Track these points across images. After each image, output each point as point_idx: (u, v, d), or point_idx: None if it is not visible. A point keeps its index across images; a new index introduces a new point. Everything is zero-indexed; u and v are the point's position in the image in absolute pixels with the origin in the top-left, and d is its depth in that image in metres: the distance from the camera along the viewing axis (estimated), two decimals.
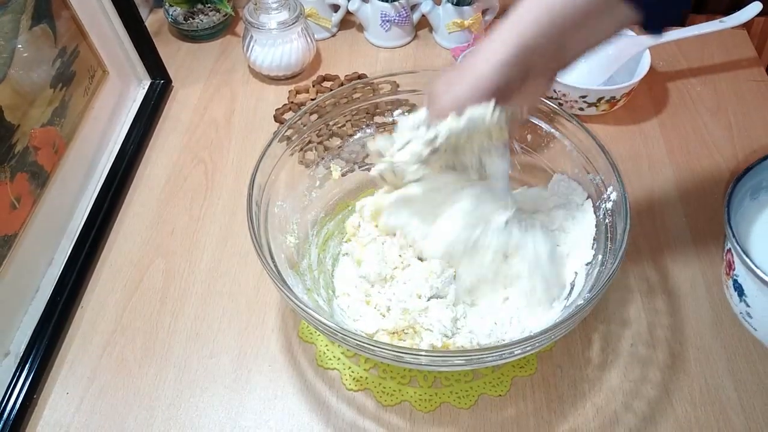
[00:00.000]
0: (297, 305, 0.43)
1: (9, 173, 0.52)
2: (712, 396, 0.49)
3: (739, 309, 0.52)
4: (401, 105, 0.63)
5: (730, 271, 0.52)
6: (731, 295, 0.53)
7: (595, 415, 0.48)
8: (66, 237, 0.60)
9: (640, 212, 0.61)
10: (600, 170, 0.51)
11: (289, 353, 0.53)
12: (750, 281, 0.49)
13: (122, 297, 0.57)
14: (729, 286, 0.53)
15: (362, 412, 0.49)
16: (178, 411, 0.50)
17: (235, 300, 0.57)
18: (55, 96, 0.59)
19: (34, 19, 0.57)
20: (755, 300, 0.50)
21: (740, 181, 0.52)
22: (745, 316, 0.52)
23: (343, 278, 0.53)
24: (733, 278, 0.51)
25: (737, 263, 0.50)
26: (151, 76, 0.76)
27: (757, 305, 0.50)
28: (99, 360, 0.53)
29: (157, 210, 0.64)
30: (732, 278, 0.52)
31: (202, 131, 0.72)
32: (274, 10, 0.73)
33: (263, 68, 0.76)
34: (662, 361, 0.51)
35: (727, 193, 0.50)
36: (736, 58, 0.77)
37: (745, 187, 0.53)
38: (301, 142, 0.56)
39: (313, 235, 0.57)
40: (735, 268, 0.51)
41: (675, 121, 0.70)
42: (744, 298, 0.51)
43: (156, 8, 0.89)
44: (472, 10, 0.78)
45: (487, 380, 0.50)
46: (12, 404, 0.49)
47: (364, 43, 0.84)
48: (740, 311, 0.52)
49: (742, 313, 0.52)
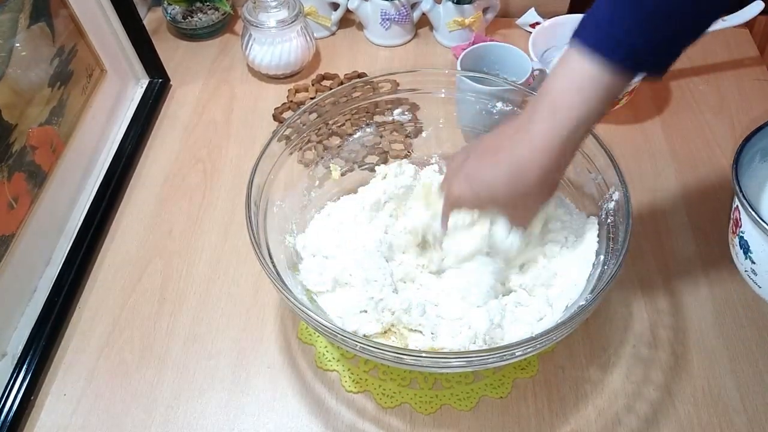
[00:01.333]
0: (296, 306, 0.42)
1: (6, 173, 0.51)
2: (715, 397, 0.49)
3: (744, 267, 0.53)
4: (401, 104, 0.63)
5: (737, 229, 0.52)
6: (737, 254, 0.53)
7: (597, 417, 0.48)
8: (64, 237, 0.60)
9: (642, 212, 0.61)
10: (602, 170, 0.50)
11: (289, 354, 0.52)
12: (756, 236, 0.49)
13: (120, 297, 0.57)
14: (735, 244, 0.53)
15: (362, 414, 0.49)
16: (176, 413, 0.49)
17: (233, 301, 0.56)
18: (53, 95, 0.59)
19: (32, 17, 0.56)
20: (760, 256, 0.50)
21: (749, 141, 0.52)
22: (750, 273, 0.52)
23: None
24: (739, 235, 0.52)
25: (743, 218, 0.50)
26: (150, 75, 0.75)
27: (762, 261, 0.50)
28: (96, 361, 0.53)
29: (156, 210, 0.64)
30: (738, 235, 0.52)
31: (200, 130, 0.72)
32: (273, 9, 0.73)
33: (262, 67, 0.76)
34: (664, 362, 0.51)
35: (736, 152, 0.51)
36: (738, 56, 0.77)
37: (755, 147, 0.53)
38: (300, 141, 0.56)
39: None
40: (741, 225, 0.51)
41: (677, 120, 0.70)
42: (750, 255, 0.51)
43: (154, 7, 0.88)
44: (473, 9, 0.78)
45: (488, 382, 0.50)
46: (9, 406, 0.49)
47: (363, 41, 0.83)
48: (745, 269, 0.53)
49: (747, 271, 0.53)
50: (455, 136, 0.62)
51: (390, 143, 0.64)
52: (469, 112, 0.61)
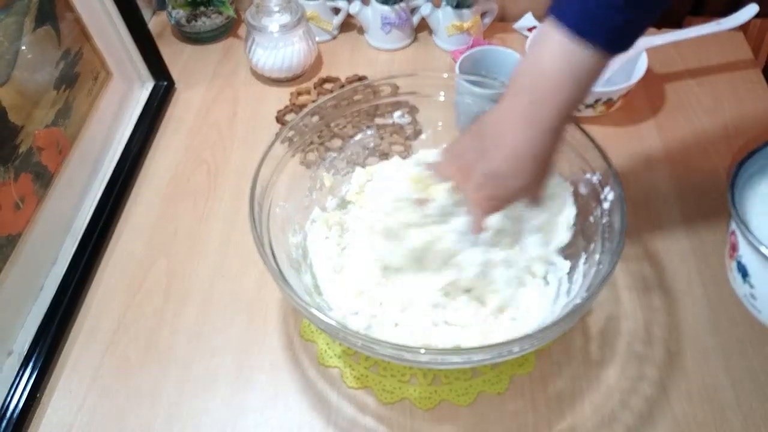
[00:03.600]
0: (299, 304, 0.43)
1: (13, 173, 0.52)
2: (710, 394, 0.49)
3: (743, 291, 0.52)
4: (401, 106, 0.64)
5: (734, 253, 0.52)
6: (734, 278, 0.53)
7: (593, 413, 0.49)
8: (70, 237, 0.61)
9: (637, 212, 0.61)
10: (597, 170, 0.51)
11: (291, 352, 0.53)
12: (754, 260, 0.49)
13: (125, 296, 0.58)
14: (732, 269, 0.53)
15: (363, 409, 0.50)
16: (180, 410, 0.50)
17: (237, 299, 0.57)
18: (59, 97, 0.60)
19: (38, 20, 0.57)
20: (759, 280, 0.50)
21: (744, 164, 0.52)
22: (749, 298, 0.52)
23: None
24: (736, 260, 0.52)
25: (741, 243, 0.50)
26: (154, 78, 0.76)
27: (761, 285, 0.50)
28: (102, 359, 0.53)
29: (160, 210, 0.65)
30: (735, 260, 0.52)
31: (204, 132, 0.73)
32: (276, 13, 0.74)
33: (265, 70, 0.77)
34: (659, 359, 0.51)
35: (732, 175, 0.51)
36: (732, 59, 0.78)
37: (750, 170, 0.53)
38: (302, 143, 0.57)
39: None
40: (739, 249, 0.51)
41: (672, 123, 0.71)
42: (748, 279, 0.51)
43: (159, 11, 0.89)
44: (471, 13, 0.79)
45: (487, 378, 0.50)
46: (15, 403, 0.50)
47: (364, 45, 0.84)
48: (744, 293, 0.52)
49: (746, 296, 0.52)
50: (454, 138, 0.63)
51: (390, 145, 0.64)
52: (468, 115, 0.61)
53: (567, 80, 0.40)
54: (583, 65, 0.39)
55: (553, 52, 0.40)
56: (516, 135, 0.42)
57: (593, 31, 0.38)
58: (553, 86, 0.40)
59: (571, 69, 0.39)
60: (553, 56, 0.40)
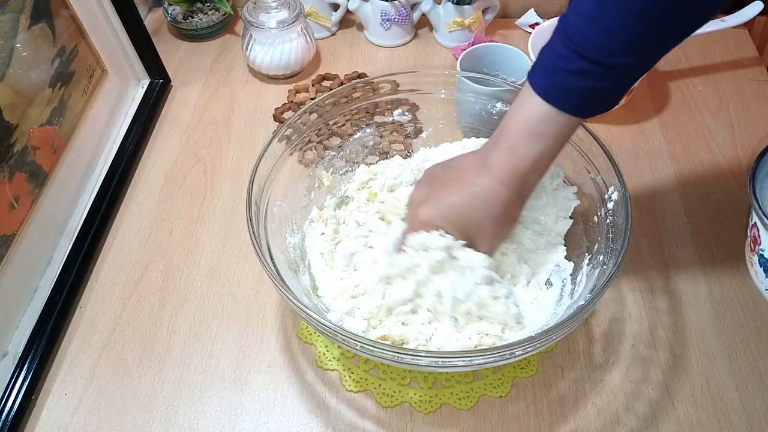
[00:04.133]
0: (296, 306, 0.42)
1: (8, 173, 0.52)
2: (714, 397, 0.49)
3: (765, 285, 0.52)
4: (401, 104, 0.63)
5: (756, 247, 0.51)
6: (756, 272, 0.53)
7: (596, 416, 0.48)
8: (65, 237, 0.60)
9: (641, 212, 0.61)
10: (601, 170, 0.51)
11: (289, 354, 0.53)
12: None
13: (121, 297, 0.57)
14: (754, 262, 0.52)
15: (362, 413, 0.49)
16: (177, 412, 0.50)
17: (234, 300, 0.56)
18: (54, 95, 0.59)
19: (33, 18, 0.56)
20: None
21: (765, 157, 0.52)
22: None
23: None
24: (758, 254, 0.51)
25: (764, 236, 0.49)
26: (150, 76, 0.76)
27: None
28: (97, 360, 0.53)
29: (156, 210, 0.64)
30: (757, 254, 0.51)
31: (201, 131, 0.72)
32: (274, 9, 0.73)
33: (263, 67, 0.76)
34: (663, 361, 0.51)
35: (752, 167, 0.50)
36: (737, 57, 0.77)
37: None
38: (300, 141, 0.56)
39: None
40: (761, 242, 0.50)
41: (676, 121, 0.70)
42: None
43: (155, 7, 0.89)
44: (473, 9, 0.78)
45: (488, 381, 0.50)
46: (10, 405, 0.49)
47: (363, 42, 0.83)
48: (766, 287, 0.52)
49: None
50: (455, 136, 0.62)
51: (390, 143, 0.64)
52: (469, 113, 0.61)
53: (522, 138, 0.42)
54: (560, 127, 0.41)
55: (517, 107, 0.42)
56: (470, 179, 0.44)
57: (560, 99, 0.40)
58: (508, 141, 0.42)
59: (546, 127, 0.41)
60: (515, 110, 0.42)
